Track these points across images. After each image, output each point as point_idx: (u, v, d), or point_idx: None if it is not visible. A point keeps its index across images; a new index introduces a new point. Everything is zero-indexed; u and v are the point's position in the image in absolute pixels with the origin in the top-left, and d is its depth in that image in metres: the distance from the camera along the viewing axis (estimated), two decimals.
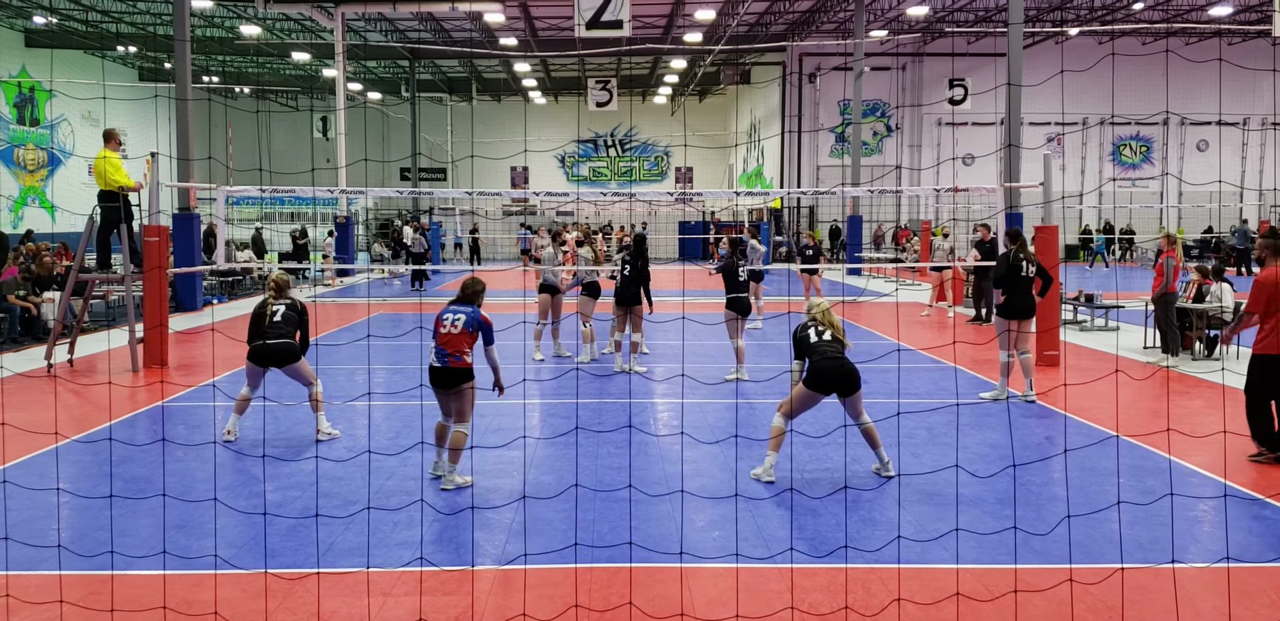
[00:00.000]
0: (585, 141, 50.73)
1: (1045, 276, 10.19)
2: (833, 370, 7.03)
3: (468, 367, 7.01)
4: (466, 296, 7.15)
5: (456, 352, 6.96)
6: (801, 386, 7.12)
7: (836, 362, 7.05)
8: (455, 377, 7.00)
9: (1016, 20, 20.05)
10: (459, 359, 6.96)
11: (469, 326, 6.97)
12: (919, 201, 37.89)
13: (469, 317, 7.00)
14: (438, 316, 7.09)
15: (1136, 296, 17.51)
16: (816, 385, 7.06)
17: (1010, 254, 10.17)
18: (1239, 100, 38.07)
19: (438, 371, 7.02)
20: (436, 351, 7.00)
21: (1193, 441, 8.04)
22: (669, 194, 20.82)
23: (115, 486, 6.89)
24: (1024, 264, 10.08)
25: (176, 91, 20.57)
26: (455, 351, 6.96)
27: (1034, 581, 5.25)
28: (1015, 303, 10.02)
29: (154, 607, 4.98)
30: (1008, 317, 10.02)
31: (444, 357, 6.98)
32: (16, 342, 14.67)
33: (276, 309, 8.44)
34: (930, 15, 33.89)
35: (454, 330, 6.96)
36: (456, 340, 6.96)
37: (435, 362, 7.01)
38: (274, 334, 8.32)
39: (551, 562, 5.59)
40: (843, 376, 7.02)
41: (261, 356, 8.33)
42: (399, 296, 23.63)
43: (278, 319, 8.37)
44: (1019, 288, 10.04)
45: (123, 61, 41.64)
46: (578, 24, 18.67)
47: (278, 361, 8.33)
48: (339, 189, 22.90)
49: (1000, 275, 10.16)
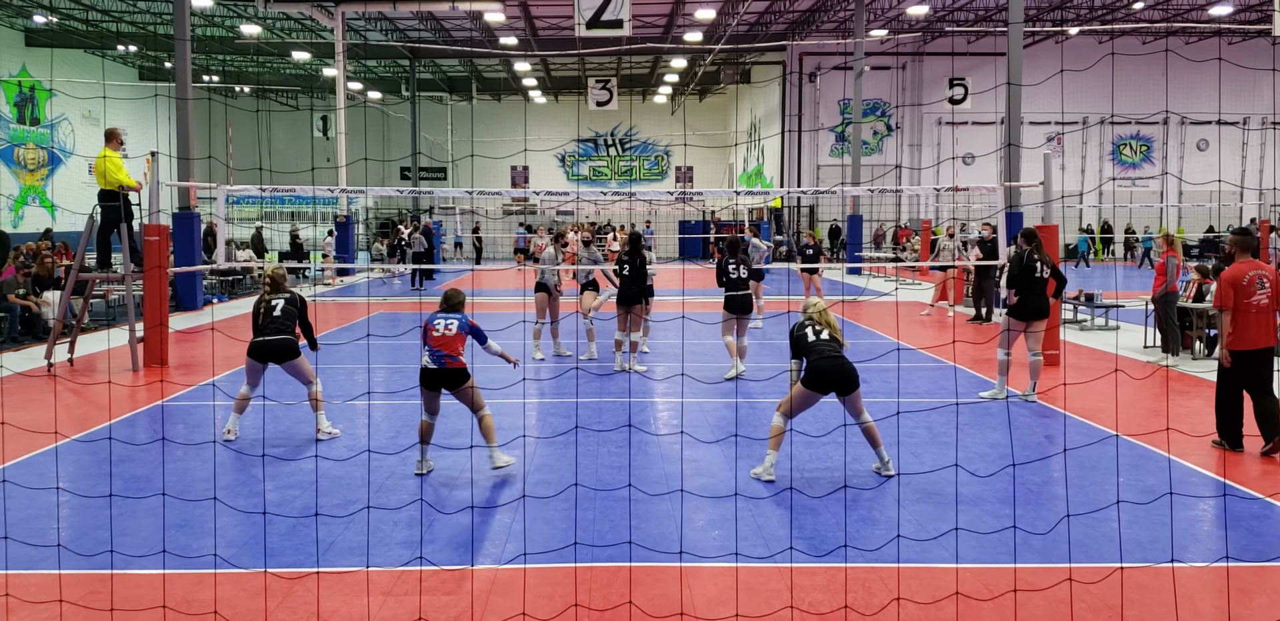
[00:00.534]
0: (585, 141, 50.73)
1: (1059, 278, 10.20)
2: (831, 369, 7.06)
3: (463, 367, 7.27)
4: (451, 306, 7.48)
5: (452, 353, 7.24)
6: (800, 385, 7.15)
7: (834, 362, 7.08)
8: (454, 378, 7.26)
9: (1016, 20, 20.05)
10: (455, 360, 7.24)
11: (461, 329, 7.30)
12: (919, 201, 37.90)
13: (460, 321, 7.34)
14: (427, 323, 7.35)
15: (1136, 296, 17.52)
16: (815, 384, 7.09)
17: (1025, 254, 10.10)
18: (1239, 100, 38.07)
19: (435, 373, 7.25)
20: (431, 354, 7.22)
21: (1193, 441, 8.05)
22: (669, 193, 20.78)
23: (115, 485, 6.89)
24: (1039, 265, 10.04)
25: (177, 91, 20.57)
26: (451, 353, 7.23)
27: (1034, 580, 5.25)
28: (1029, 303, 9.95)
29: (154, 607, 4.98)
30: (1022, 318, 9.98)
31: (440, 359, 7.21)
32: (16, 342, 14.67)
33: (275, 303, 8.46)
34: (930, 15, 33.88)
35: (448, 333, 7.26)
36: (451, 342, 7.24)
37: (431, 365, 7.23)
38: (272, 330, 8.34)
39: (551, 562, 5.59)
40: (841, 375, 7.05)
41: (260, 352, 8.35)
42: (399, 296, 23.64)
43: (277, 314, 8.39)
44: (1033, 288, 10.00)
45: (123, 61, 41.63)
46: (578, 23, 18.69)
47: (276, 357, 8.35)
48: (339, 188, 22.90)
49: (1014, 275, 10.14)
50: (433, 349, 7.20)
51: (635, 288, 11.60)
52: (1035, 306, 9.97)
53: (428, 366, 7.24)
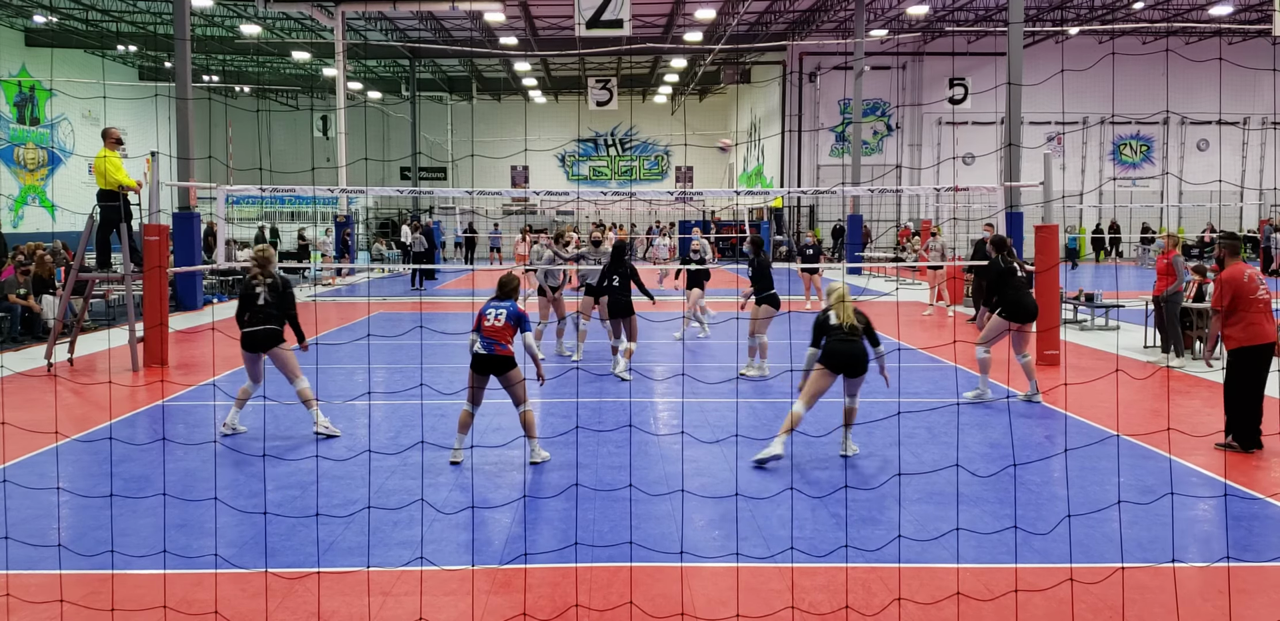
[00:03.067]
0: (585, 141, 50.72)
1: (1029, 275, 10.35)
2: (845, 352, 7.71)
3: (510, 356, 7.72)
4: (505, 293, 7.93)
5: (502, 341, 7.69)
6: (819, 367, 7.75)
7: (849, 345, 7.73)
8: (501, 364, 7.71)
9: (1016, 19, 20.05)
10: (504, 348, 7.70)
11: (510, 319, 7.76)
12: (919, 201, 37.89)
13: (510, 311, 7.81)
14: (480, 311, 7.84)
15: (1136, 296, 17.51)
16: (830, 365, 7.71)
17: (998, 259, 10.22)
18: (1239, 100, 38.05)
19: (485, 358, 7.69)
20: (483, 341, 7.69)
21: (1193, 441, 8.05)
22: (669, 193, 20.78)
23: (115, 485, 6.88)
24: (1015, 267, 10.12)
25: (176, 90, 20.57)
26: (501, 340, 7.69)
27: (1034, 581, 5.25)
28: (1022, 304, 9.96)
29: (154, 607, 4.98)
30: (1014, 319, 9.95)
31: (490, 346, 7.68)
32: (16, 342, 14.67)
33: (260, 291, 8.69)
34: (930, 14, 33.87)
35: (498, 323, 7.72)
36: (501, 332, 7.70)
37: (482, 350, 7.69)
38: (256, 320, 8.64)
39: (551, 562, 5.59)
40: (853, 359, 7.73)
41: (248, 343, 8.67)
42: (399, 296, 23.62)
43: (260, 302, 8.66)
44: (1019, 289, 10.04)
45: (123, 60, 41.63)
46: (578, 23, 18.68)
47: (264, 346, 8.65)
48: (339, 188, 22.91)
49: (994, 283, 10.15)
50: (484, 336, 7.68)
51: (625, 298, 11.57)
52: (1027, 307, 9.93)
53: (478, 351, 7.68)
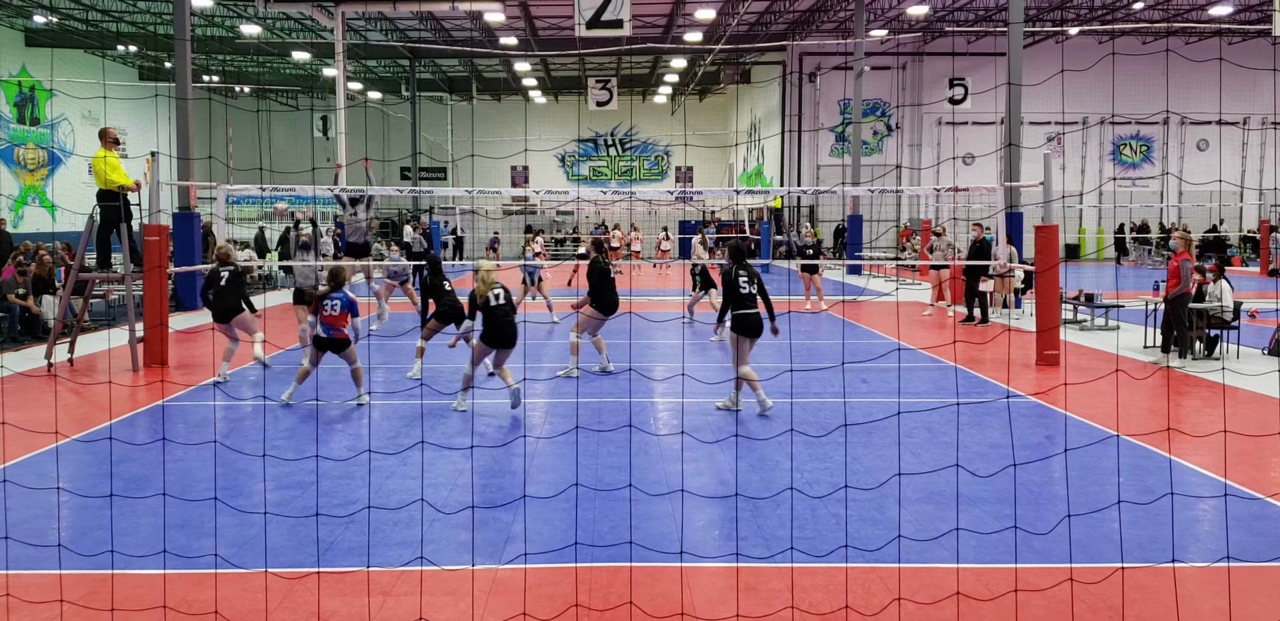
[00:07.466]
0: (585, 141, 50.70)
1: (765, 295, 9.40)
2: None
3: (346, 338, 9.79)
4: (338, 284, 9.73)
5: (339, 327, 9.70)
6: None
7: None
8: (339, 344, 9.77)
9: (1016, 20, 20.05)
10: (340, 332, 9.72)
11: (344, 308, 9.69)
12: (919, 201, 37.89)
13: (343, 301, 9.69)
14: (317, 302, 9.76)
15: (1136, 296, 17.51)
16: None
17: (731, 271, 9.44)
18: (1239, 100, 38.05)
19: (326, 340, 9.69)
20: (323, 327, 9.67)
21: (1193, 441, 8.05)
22: (669, 193, 20.77)
23: (115, 485, 6.88)
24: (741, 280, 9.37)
25: (177, 91, 20.56)
26: (338, 326, 9.69)
27: (1034, 581, 5.25)
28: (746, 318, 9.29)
29: (154, 607, 4.98)
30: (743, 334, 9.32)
31: (329, 331, 9.69)
32: (16, 342, 14.67)
33: (224, 274, 11.29)
34: (930, 15, 33.87)
35: (334, 312, 9.67)
36: (337, 319, 9.69)
37: (323, 335, 9.67)
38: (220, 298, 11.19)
39: (551, 562, 5.58)
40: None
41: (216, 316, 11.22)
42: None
43: (223, 284, 11.22)
44: (743, 304, 9.31)
45: (123, 61, 41.62)
46: (578, 23, 18.67)
47: (226, 319, 11.22)
48: (339, 188, 22.85)
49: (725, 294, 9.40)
50: (324, 323, 9.66)
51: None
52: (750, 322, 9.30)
53: (319, 335, 9.66)
